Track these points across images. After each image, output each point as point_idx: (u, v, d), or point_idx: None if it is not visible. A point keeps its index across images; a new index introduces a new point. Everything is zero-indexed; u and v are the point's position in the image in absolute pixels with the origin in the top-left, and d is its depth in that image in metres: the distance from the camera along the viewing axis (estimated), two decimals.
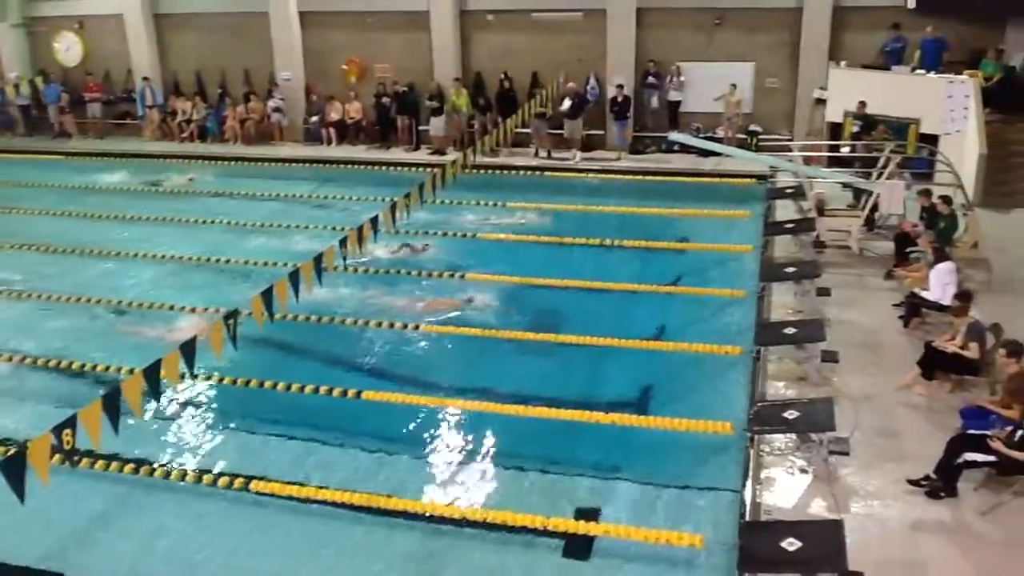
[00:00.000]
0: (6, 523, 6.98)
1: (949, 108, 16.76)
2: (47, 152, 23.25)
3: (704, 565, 7.61)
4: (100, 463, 9.12)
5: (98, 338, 12.63)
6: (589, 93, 20.85)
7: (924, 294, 11.16)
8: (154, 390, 7.83)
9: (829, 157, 17.94)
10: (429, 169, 16.24)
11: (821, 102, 19.29)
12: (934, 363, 9.67)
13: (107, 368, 11.34)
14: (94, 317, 13.37)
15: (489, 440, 9.73)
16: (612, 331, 11.84)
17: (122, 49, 24.22)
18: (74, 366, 11.54)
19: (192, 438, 10.04)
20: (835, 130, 18.58)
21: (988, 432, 8.03)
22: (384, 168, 20.72)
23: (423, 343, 12.07)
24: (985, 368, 9.51)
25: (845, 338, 10.83)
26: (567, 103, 20.11)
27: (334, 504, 8.58)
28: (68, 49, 24.97)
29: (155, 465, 9.30)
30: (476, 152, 15.29)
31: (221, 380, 10.86)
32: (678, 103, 20.70)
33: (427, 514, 8.44)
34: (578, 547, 7.92)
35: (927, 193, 13.38)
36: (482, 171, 18.44)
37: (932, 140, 16.82)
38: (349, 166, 20.95)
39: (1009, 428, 8.02)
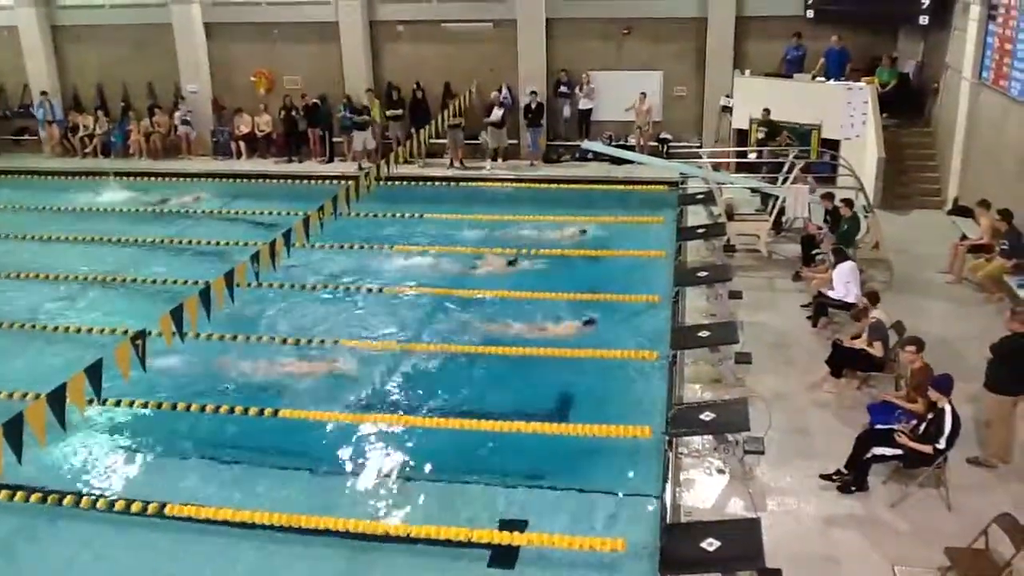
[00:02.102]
0: None
1: (848, 114, 17.39)
2: None
3: (627, 569, 7.69)
4: (4, 493, 8.73)
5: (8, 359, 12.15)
6: (503, 101, 20.92)
7: (829, 293, 11.53)
8: (59, 416, 7.54)
9: (737, 163, 18.39)
10: (342, 182, 16.12)
11: (727, 109, 19.78)
12: (841, 361, 9.99)
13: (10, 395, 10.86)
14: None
15: (410, 454, 9.66)
16: (530, 340, 11.90)
17: (18, 62, 23.27)
18: None
19: (101, 463, 9.69)
20: (742, 136, 19.06)
21: (895, 427, 8.33)
22: (296, 181, 20.39)
23: (341, 356, 11.89)
24: (889, 364, 9.86)
25: (757, 339, 11.11)
26: (497, 112, 20.15)
27: (254, 525, 8.39)
28: None
29: (63, 493, 8.92)
30: (391, 164, 15.15)
31: (132, 403, 10.50)
32: (589, 111, 20.94)
33: (350, 531, 8.30)
34: (503, 557, 7.91)
35: (830, 196, 13.83)
36: (398, 182, 18.37)
37: (834, 145, 17.41)
38: (261, 180, 20.59)
39: (914, 422, 8.34)
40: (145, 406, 10.52)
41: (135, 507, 8.65)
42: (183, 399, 10.66)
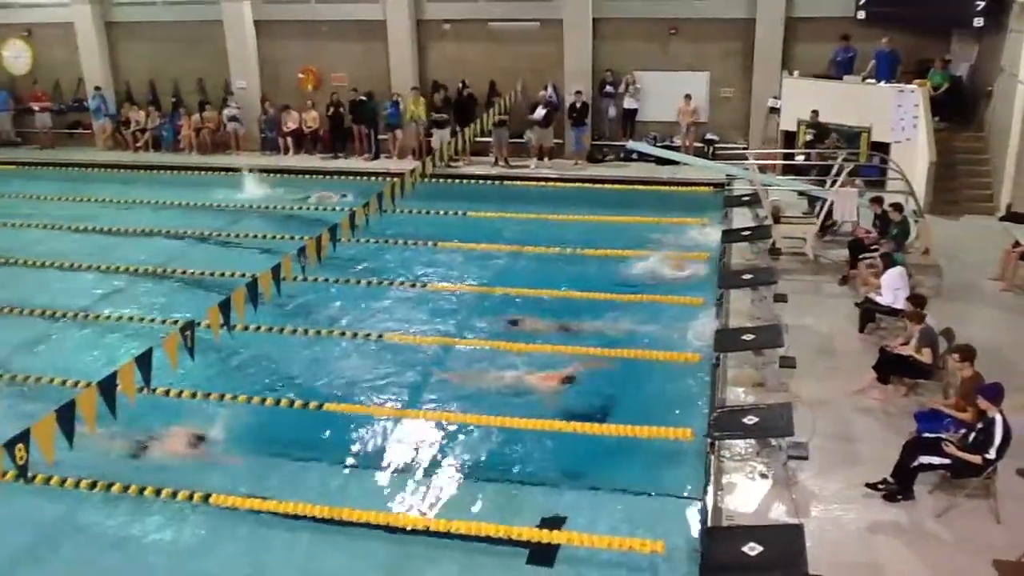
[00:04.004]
0: None
1: (899, 117, 17.12)
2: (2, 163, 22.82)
3: (666, 571, 7.64)
4: (55, 479, 8.93)
5: (54, 351, 12.42)
6: (550, 100, 20.93)
7: (877, 299, 11.37)
8: (110, 404, 7.71)
9: (784, 165, 18.20)
10: (387, 178, 16.26)
11: (775, 111, 19.59)
12: (889, 368, 9.84)
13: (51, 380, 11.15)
14: (48, 328, 13.14)
15: (450, 450, 9.71)
16: (573, 339, 11.89)
17: (73, 58, 23.80)
18: (29, 379, 11.31)
19: (152, 452, 9.83)
20: (789, 138, 18.87)
21: (942, 435, 8.19)
22: (342, 177, 20.57)
23: (383, 353, 11.98)
24: (938, 372, 9.70)
25: (802, 344, 10.98)
26: (541, 111, 20.17)
27: (299, 517, 8.48)
28: (17, 57, 24.48)
29: (111, 481, 9.09)
30: (436, 161, 15.26)
31: (180, 393, 10.68)
32: (634, 111, 20.88)
33: (392, 525, 8.38)
34: (542, 555, 7.92)
35: (879, 200, 13.63)
36: (441, 180, 18.48)
37: (883, 148, 17.16)
38: (306, 176, 20.82)
39: (962, 431, 8.19)
40: (193, 396, 10.67)
41: (181, 495, 8.78)
42: (229, 390, 10.81)
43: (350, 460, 9.62)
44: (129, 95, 23.81)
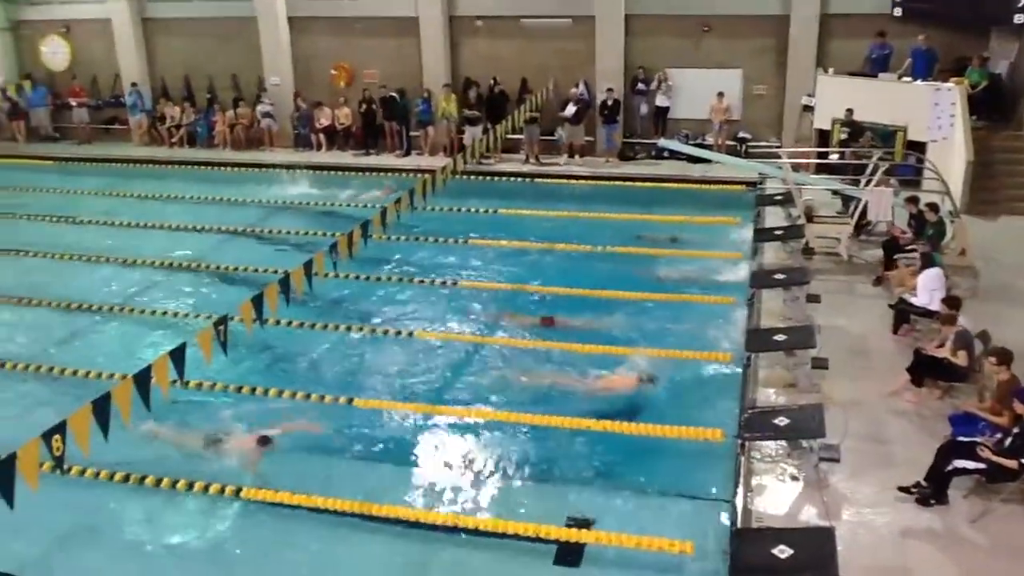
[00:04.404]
0: None
1: (936, 115, 16.84)
2: (37, 157, 23.15)
3: (695, 572, 7.62)
4: (89, 471, 9.06)
5: (90, 344, 12.59)
6: (581, 97, 20.89)
7: (912, 300, 11.23)
8: (144, 397, 7.81)
9: (817, 164, 18.02)
10: (419, 175, 16.32)
11: (809, 109, 19.40)
12: (923, 370, 9.71)
13: (86, 373, 11.33)
14: (84, 321, 13.33)
15: (480, 447, 9.73)
16: (602, 338, 11.87)
17: (110, 54, 24.12)
18: (66, 371, 11.49)
19: (184, 445, 9.94)
20: (823, 137, 18.67)
21: (977, 439, 8.08)
22: (374, 174, 20.65)
23: (415, 350, 12.03)
24: (974, 375, 9.57)
25: (835, 345, 10.87)
26: (571, 108, 20.13)
27: (325, 512, 8.54)
28: (55, 53, 24.82)
29: (144, 473, 9.20)
30: (467, 158, 15.30)
31: (213, 386, 10.80)
32: (666, 109, 20.76)
33: (419, 521, 8.41)
34: (569, 555, 7.92)
35: (914, 200, 13.46)
36: (473, 177, 18.51)
37: (919, 147, 16.92)
38: (339, 172, 20.94)
39: (998, 435, 8.07)
40: (225, 389, 10.79)
41: (213, 489, 8.88)
42: (260, 383, 10.92)
43: (377, 456, 9.66)
44: (165, 91, 24.06)
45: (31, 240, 16.73)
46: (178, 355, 8.31)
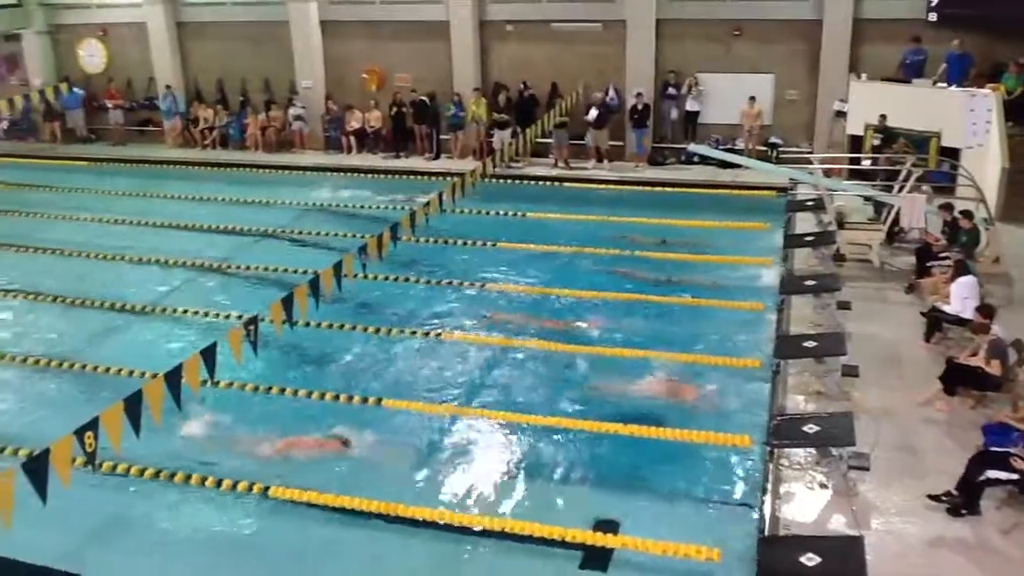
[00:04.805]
0: (27, 522, 7.02)
1: (971, 121, 16.66)
2: (72, 158, 23.48)
3: None
4: (121, 466, 9.18)
5: (123, 342, 12.78)
6: (609, 103, 20.88)
7: (945, 308, 11.10)
8: (175, 395, 7.91)
9: (850, 170, 17.86)
10: (448, 178, 16.37)
11: (841, 114, 19.21)
12: (956, 379, 9.60)
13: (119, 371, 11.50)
14: (118, 320, 13.54)
15: (508, 450, 9.74)
16: (630, 342, 11.84)
17: (145, 57, 24.44)
18: (98, 369, 11.66)
19: (214, 443, 10.05)
20: (856, 143, 18.49)
21: (1010, 450, 7.96)
22: (403, 177, 20.74)
23: (442, 352, 12.06)
24: (1007, 384, 9.43)
25: (866, 352, 10.77)
26: (593, 112, 20.13)
27: (353, 512, 8.60)
28: (92, 56, 25.20)
29: (174, 470, 9.30)
30: (497, 162, 15.33)
31: (243, 386, 10.90)
32: (696, 113, 20.69)
33: (446, 522, 8.44)
34: (596, 559, 7.91)
35: (948, 207, 13.30)
36: (501, 181, 18.54)
37: (954, 154, 16.73)
38: (368, 175, 21.08)
39: None
40: (256, 389, 10.89)
41: (240, 487, 8.96)
42: (288, 384, 11.01)
43: (404, 457, 9.67)
44: (198, 93, 24.35)
45: (66, 239, 17.01)
46: (209, 354, 8.40)
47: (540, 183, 19.91)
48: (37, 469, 6.56)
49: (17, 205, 19.50)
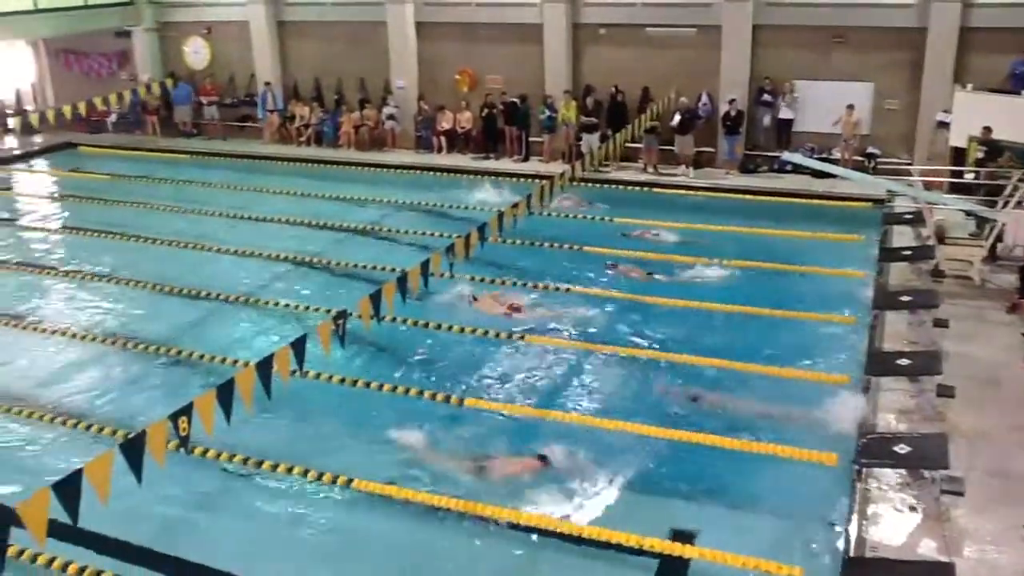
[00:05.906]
0: (122, 503, 7.31)
1: None
2: (174, 151, 24.36)
3: None
4: (211, 451, 9.48)
5: (218, 331, 13.19)
6: (701, 109, 20.64)
7: None
8: (266, 384, 8.13)
9: (951, 183, 17.26)
10: (537, 181, 16.40)
11: (944, 126, 18.58)
12: None
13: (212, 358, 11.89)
14: (214, 309, 13.97)
15: (587, 454, 9.67)
16: (716, 352, 11.69)
17: (246, 54, 25.18)
18: (193, 355, 12.07)
19: (299, 434, 10.27)
20: (958, 155, 17.85)
21: None
22: (492, 178, 20.83)
23: (525, 354, 12.09)
24: None
25: (962, 373, 10.40)
26: (676, 118, 19.95)
27: (427, 507, 8.70)
28: (196, 53, 26.08)
29: (262, 458, 9.53)
30: (585, 165, 15.31)
31: (329, 378, 11.13)
32: (790, 121, 20.29)
33: (522, 524, 8.46)
34: (672, 569, 7.82)
35: None
36: (590, 185, 18.49)
37: None
38: (458, 175, 21.29)
39: None
40: (342, 382, 11.09)
41: (325, 479, 9.14)
42: (372, 378, 11.18)
43: (483, 455, 9.71)
44: (296, 91, 24.97)
45: (168, 229, 17.62)
46: (299, 346, 8.61)
47: (629, 188, 19.76)
48: (133, 451, 6.82)
49: (122, 195, 20.34)
